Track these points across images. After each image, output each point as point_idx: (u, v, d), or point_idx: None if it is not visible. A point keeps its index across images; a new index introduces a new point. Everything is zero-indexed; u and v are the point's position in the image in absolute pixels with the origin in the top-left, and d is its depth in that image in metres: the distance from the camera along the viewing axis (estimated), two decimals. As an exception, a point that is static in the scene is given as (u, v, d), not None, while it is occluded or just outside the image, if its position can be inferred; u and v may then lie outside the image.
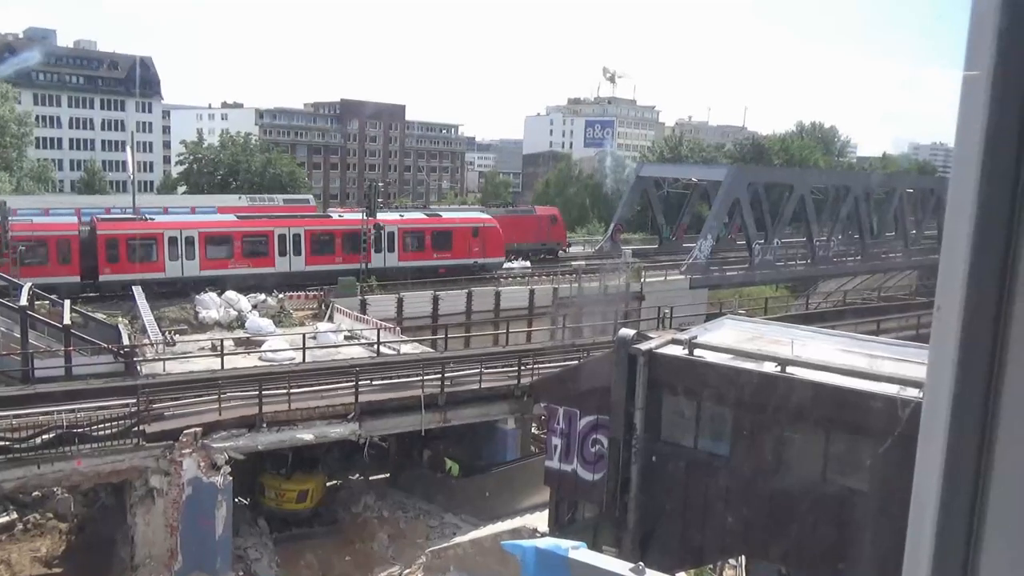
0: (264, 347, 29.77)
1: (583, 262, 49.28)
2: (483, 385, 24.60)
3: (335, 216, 46.80)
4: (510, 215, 53.29)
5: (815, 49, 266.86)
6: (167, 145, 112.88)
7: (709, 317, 27.49)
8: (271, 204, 56.50)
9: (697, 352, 16.27)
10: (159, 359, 26.02)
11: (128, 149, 63.89)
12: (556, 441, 18.40)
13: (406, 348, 30.03)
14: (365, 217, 41.61)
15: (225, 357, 25.74)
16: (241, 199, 57.62)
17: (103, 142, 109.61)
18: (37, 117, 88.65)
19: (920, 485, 1.42)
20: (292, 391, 21.99)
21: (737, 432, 15.60)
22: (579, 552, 5.67)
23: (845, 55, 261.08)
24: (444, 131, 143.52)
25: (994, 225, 1.32)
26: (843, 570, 14.16)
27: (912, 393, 12.21)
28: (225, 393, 21.39)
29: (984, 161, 1.31)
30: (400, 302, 39.03)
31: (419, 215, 48.85)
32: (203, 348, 29.20)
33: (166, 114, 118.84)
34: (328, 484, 25.27)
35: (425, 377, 23.53)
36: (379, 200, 45.34)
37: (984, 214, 1.32)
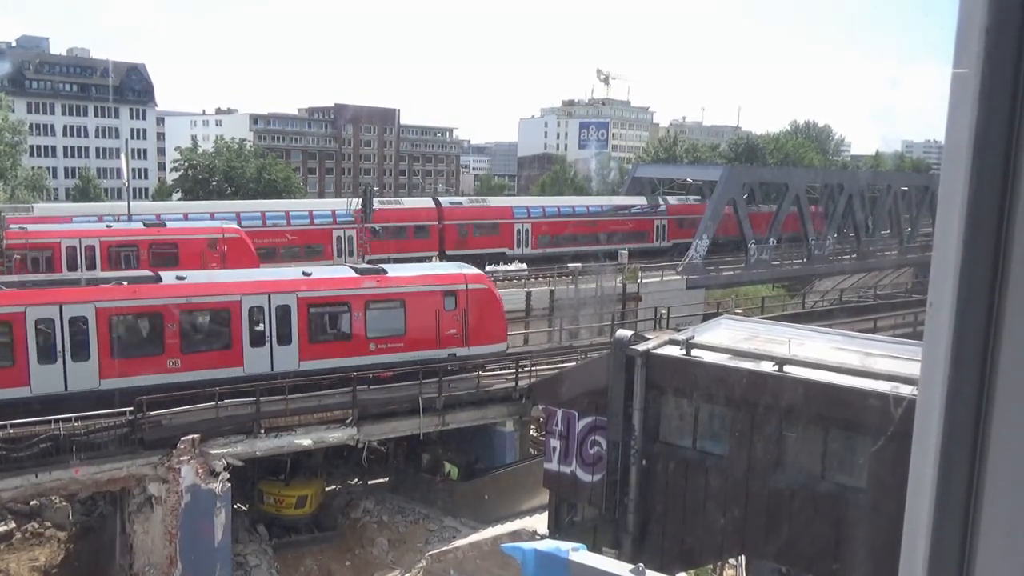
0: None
1: (579, 264, 49.30)
2: (481, 388, 24.60)
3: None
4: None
5: (808, 49, 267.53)
6: (161, 152, 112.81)
7: (706, 317, 27.53)
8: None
9: (694, 352, 16.29)
10: None
11: (122, 156, 63.90)
12: (555, 443, 18.40)
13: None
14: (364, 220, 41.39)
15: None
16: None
17: (97, 149, 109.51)
18: (31, 125, 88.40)
19: (915, 481, 1.43)
20: (289, 396, 21.96)
21: (735, 432, 15.62)
22: (579, 554, 5.68)
23: (837, 54, 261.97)
24: (438, 134, 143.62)
25: (985, 222, 1.33)
26: (840, 568, 14.17)
27: (907, 390, 12.24)
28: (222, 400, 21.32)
29: (974, 158, 1.32)
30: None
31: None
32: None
33: (160, 121, 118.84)
34: (327, 489, 25.23)
35: (423, 381, 23.50)
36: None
37: (975, 211, 1.33)
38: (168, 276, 23.45)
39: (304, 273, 24.81)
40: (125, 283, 22.56)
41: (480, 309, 25.52)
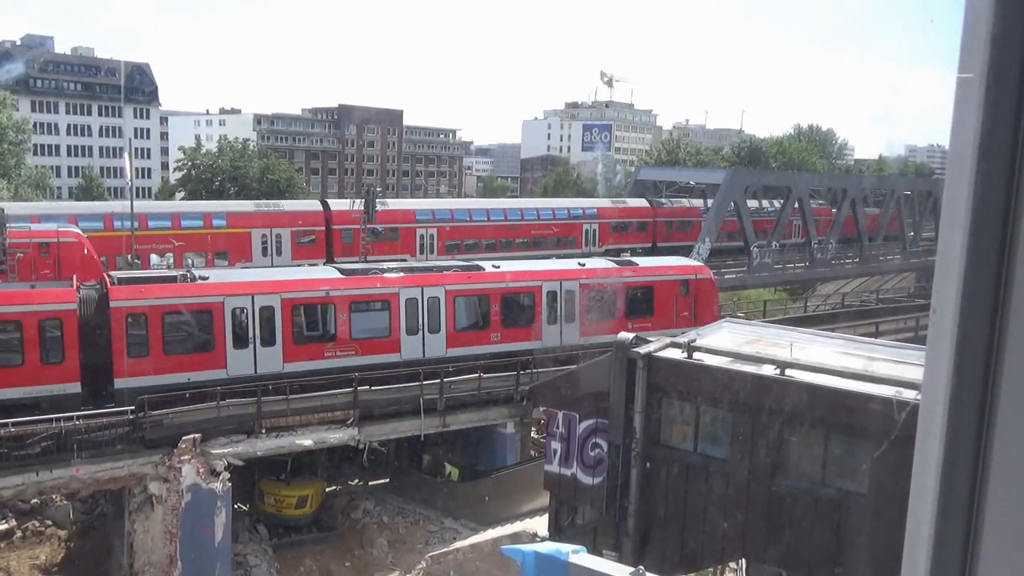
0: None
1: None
2: (482, 389, 24.60)
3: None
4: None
5: (812, 52, 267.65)
6: (165, 151, 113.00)
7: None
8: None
9: (696, 355, 16.27)
10: None
11: (126, 155, 63.87)
12: (555, 445, 18.38)
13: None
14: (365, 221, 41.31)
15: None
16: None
17: (101, 149, 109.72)
18: (35, 124, 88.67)
19: (918, 486, 1.42)
20: (291, 396, 21.97)
21: (736, 435, 15.60)
22: (579, 556, 5.68)
23: (841, 58, 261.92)
24: (442, 135, 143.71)
25: (989, 227, 1.33)
26: (842, 573, 14.14)
27: (909, 395, 12.22)
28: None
29: (978, 163, 1.32)
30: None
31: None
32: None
33: (164, 120, 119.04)
34: (327, 490, 25.23)
35: (424, 382, 23.51)
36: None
37: (979, 216, 1.33)
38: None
39: (579, 264, 29.29)
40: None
41: (704, 295, 29.73)
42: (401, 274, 25.27)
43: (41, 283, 23.39)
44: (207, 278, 23.18)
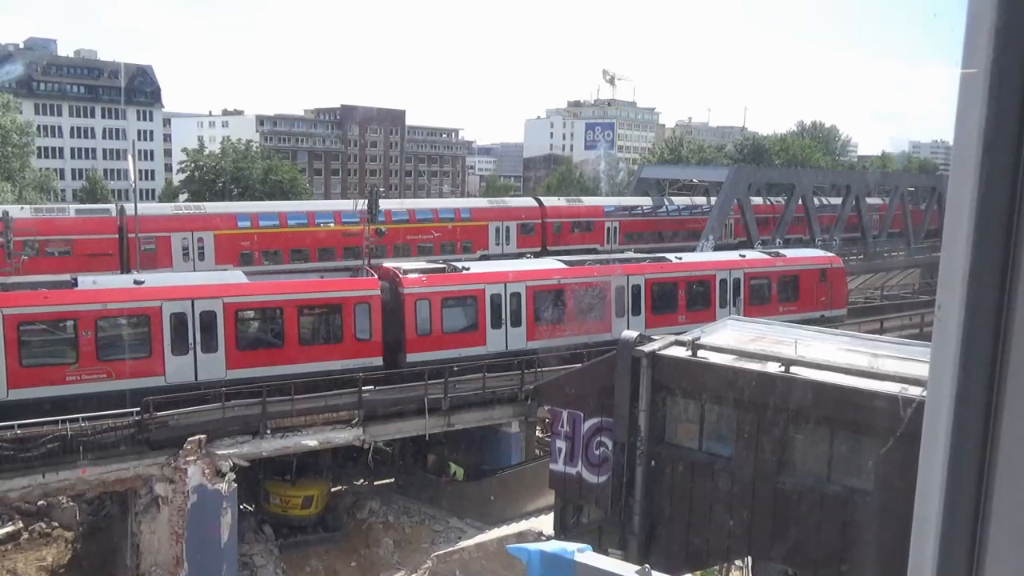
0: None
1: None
2: (486, 389, 24.61)
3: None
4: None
5: (814, 49, 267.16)
6: (168, 153, 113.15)
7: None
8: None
9: (700, 353, 16.25)
10: None
11: (129, 157, 63.92)
12: (560, 444, 18.37)
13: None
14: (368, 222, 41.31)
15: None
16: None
17: (104, 151, 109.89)
18: (38, 127, 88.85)
19: (924, 484, 1.42)
20: (296, 396, 22.00)
21: (741, 433, 15.58)
22: (585, 555, 5.68)
23: (843, 55, 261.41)
24: (444, 135, 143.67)
25: (994, 223, 1.32)
26: (848, 571, 14.12)
27: (915, 392, 12.19)
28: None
29: (983, 159, 1.31)
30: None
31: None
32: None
33: (167, 122, 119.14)
34: (333, 490, 25.26)
35: (429, 381, 23.55)
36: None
37: (983, 212, 1.32)
38: None
39: (740, 255, 33.71)
40: None
41: (837, 282, 33.73)
42: (611, 264, 29.92)
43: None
44: (468, 269, 27.10)
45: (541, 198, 52.34)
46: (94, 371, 20.76)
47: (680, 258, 31.71)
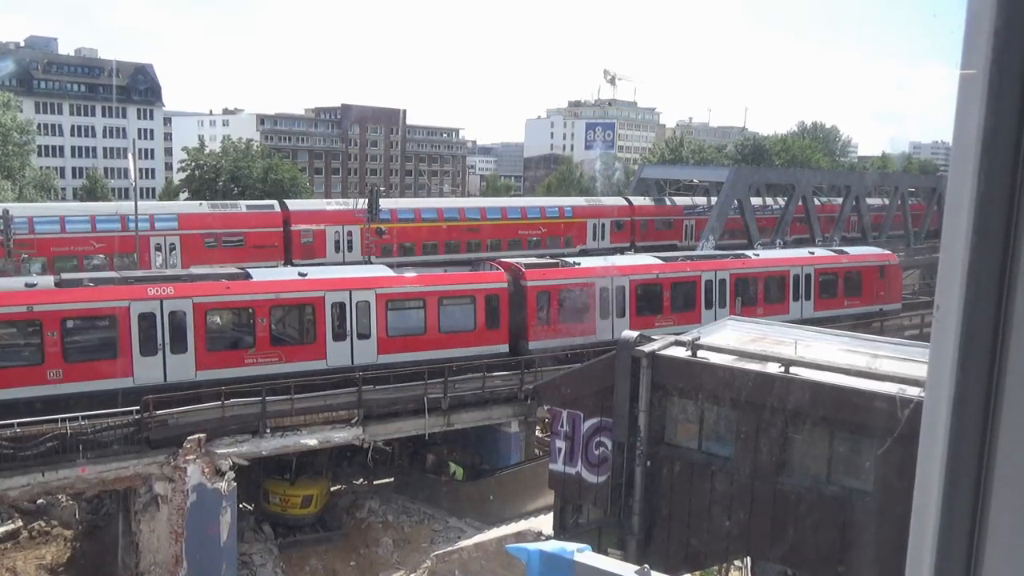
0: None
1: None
2: (486, 388, 24.61)
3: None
4: None
5: (814, 49, 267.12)
6: (169, 152, 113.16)
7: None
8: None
9: (700, 354, 16.24)
10: None
11: (130, 156, 63.86)
12: (560, 444, 18.37)
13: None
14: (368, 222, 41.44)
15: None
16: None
17: (105, 149, 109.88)
18: (39, 125, 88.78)
19: (922, 484, 1.42)
20: (295, 396, 22.00)
21: (740, 433, 15.57)
22: (584, 555, 5.68)
23: (843, 55, 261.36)
24: (445, 135, 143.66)
25: (992, 223, 1.32)
26: (846, 571, 14.12)
27: (914, 392, 12.19)
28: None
29: (982, 160, 1.31)
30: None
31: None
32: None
33: (167, 121, 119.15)
34: (332, 489, 25.26)
35: (428, 381, 23.55)
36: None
37: (982, 212, 1.32)
38: None
39: (809, 252, 35.77)
40: None
41: (893, 278, 36.40)
42: (699, 260, 32.21)
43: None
44: (579, 263, 29.38)
45: (630, 197, 55.48)
46: (268, 355, 22.91)
47: (758, 254, 34.14)
